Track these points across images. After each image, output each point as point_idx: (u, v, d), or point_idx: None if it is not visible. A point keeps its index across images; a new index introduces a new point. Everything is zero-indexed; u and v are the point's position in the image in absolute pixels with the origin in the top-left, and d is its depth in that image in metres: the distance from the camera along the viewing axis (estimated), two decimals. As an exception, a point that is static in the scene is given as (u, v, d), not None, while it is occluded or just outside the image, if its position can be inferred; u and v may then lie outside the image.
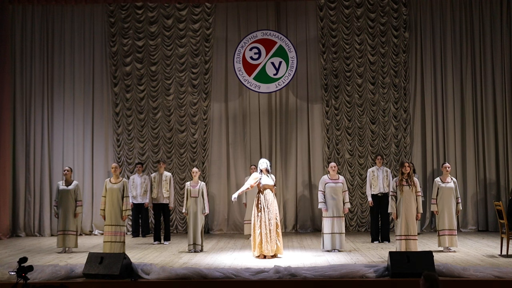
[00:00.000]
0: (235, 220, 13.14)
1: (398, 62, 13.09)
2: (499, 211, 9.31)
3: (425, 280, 4.98)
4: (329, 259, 8.85)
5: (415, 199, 8.96)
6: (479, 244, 10.67)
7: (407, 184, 8.93)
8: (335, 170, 9.99)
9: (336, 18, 13.19)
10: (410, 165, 9.09)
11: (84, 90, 13.26)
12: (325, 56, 13.17)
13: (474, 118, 13.01)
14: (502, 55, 12.97)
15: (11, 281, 6.86)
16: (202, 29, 13.27)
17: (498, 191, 12.79)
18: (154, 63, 13.29)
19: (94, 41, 13.34)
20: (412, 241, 8.85)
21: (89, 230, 13.04)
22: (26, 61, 13.24)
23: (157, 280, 7.24)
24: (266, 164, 9.27)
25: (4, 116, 12.81)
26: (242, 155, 13.28)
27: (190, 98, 13.26)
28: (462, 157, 12.97)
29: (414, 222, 8.94)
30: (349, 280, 7.16)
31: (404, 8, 13.10)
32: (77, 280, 7.36)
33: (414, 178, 9.11)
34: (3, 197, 12.63)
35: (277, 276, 7.25)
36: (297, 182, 13.21)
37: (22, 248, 10.91)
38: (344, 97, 13.16)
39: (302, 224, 13.11)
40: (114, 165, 9.73)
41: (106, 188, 9.51)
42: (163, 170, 11.46)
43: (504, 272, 7.26)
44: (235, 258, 9.23)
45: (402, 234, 8.88)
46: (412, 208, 8.91)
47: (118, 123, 13.20)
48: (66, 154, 13.18)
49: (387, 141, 13.07)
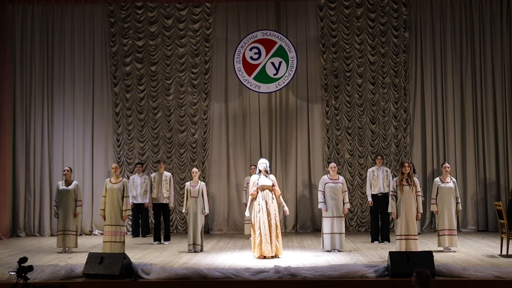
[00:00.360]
0: (235, 220, 13.14)
1: (398, 62, 13.09)
2: (499, 211, 9.31)
3: (418, 276, 5.04)
4: (329, 259, 8.85)
5: (415, 199, 8.96)
6: (479, 244, 10.66)
7: (407, 184, 8.94)
8: (335, 170, 9.98)
9: (336, 18, 13.19)
10: (410, 165, 9.10)
11: (84, 90, 13.26)
12: (325, 56, 13.17)
13: (474, 118, 13.01)
14: (502, 55, 12.97)
15: (11, 281, 6.85)
16: (202, 29, 13.27)
17: (498, 191, 12.78)
18: (154, 63, 13.29)
19: (94, 41, 13.34)
20: (412, 241, 8.85)
21: (89, 230, 13.04)
22: (26, 61, 13.24)
23: (157, 280, 7.24)
24: (265, 165, 9.27)
25: (4, 116, 12.81)
26: (242, 155, 13.28)
27: (190, 98, 13.26)
28: (462, 157, 12.97)
29: (414, 222, 8.95)
30: (349, 280, 7.15)
31: (404, 8, 13.10)
32: (77, 280, 7.36)
33: (414, 178, 9.11)
34: (3, 197, 12.63)
35: (277, 276, 7.25)
36: (297, 182, 13.21)
37: (22, 248, 10.90)
38: (344, 97, 13.16)
39: (302, 224, 13.11)
40: (114, 165, 9.73)
41: (106, 188, 9.51)
42: (163, 170, 11.46)
43: (504, 272, 7.26)
44: (235, 258, 9.23)
45: (402, 234, 8.89)
46: (412, 208, 8.91)
47: (118, 123, 13.20)
48: (66, 154, 13.18)
49: (387, 141, 13.07)
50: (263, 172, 9.21)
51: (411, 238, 8.87)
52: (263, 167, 9.22)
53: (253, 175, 9.50)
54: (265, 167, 9.22)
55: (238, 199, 12.99)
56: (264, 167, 9.22)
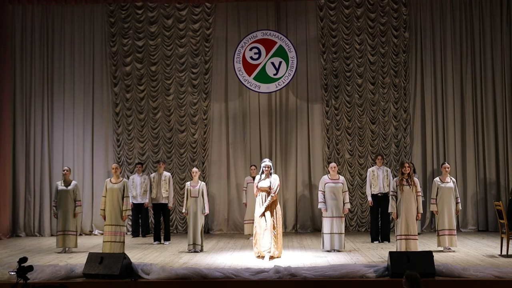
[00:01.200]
0: (235, 220, 13.14)
1: (398, 62, 13.09)
2: (499, 211, 9.32)
3: (406, 279, 5.13)
4: (329, 259, 8.85)
5: (415, 199, 8.95)
6: (479, 244, 10.66)
7: (408, 184, 8.93)
8: (335, 170, 9.98)
9: (336, 18, 13.19)
10: (410, 165, 9.09)
11: (84, 90, 13.26)
12: (325, 56, 13.17)
13: (474, 118, 13.01)
14: (502, 55, 12.97)
15: (11, 281, 6.86)
16: (202, 29, 13.27)
17: (498, 191, 12.78)
18: (154, 63, 13.29)
19: (94, 41, 13.34)
20: (412, 241, 8.84)
21: (89, 230, 13.04)
22: (26, 61, 13.24)
23: (157, 280, 7.24)
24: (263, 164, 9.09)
25: (4, 116, 12.81)
26: (242, 155, 13.28)
27: (190, 98, 13.26)
28: (462, 157, 12.97)
29: (414, 222, 8.94)
30: (349, 280, 7.16)
31: (404, 8, 13.10)
32: (77, 280, 7.37)
33: (414, 178, 9.11)
34: (3, 197, 12.63)
35: (277, 276, 7.26)
36: (297, 182, 13.21)
37: (22, 248, 10.91)
38: (344, 97, 13.16)
39: (302, 224, 13.10)
40: (115, 165, 9.74)
41: (107, 188, 9.51)
42: (162, 170, 11.46)
43: (504, 272, 7.26)
44: (235, 258, 9.23)
45: (402, 233, 8.87)
46: (412, 208, 8.90)
47: (118, 123, 13.20)
48: (66, 154, 13.18)
49: (387, 141, 13.07)
50: (265, 173, 9.07)
51: (411, 238, 8.85)
52: (266, 169, 9.05)
53: (257, 176, 9.35)
54: (268, 168, 9.06)
55: (238, 199, 12.99)
56: (267, 169, 9.05)
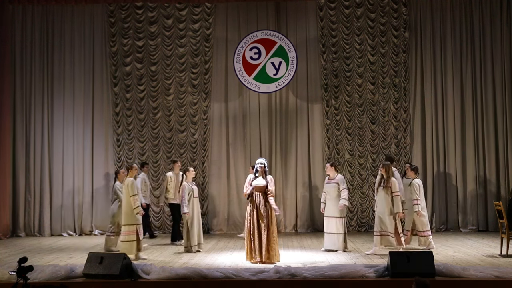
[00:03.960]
0: (235, 220, 13.13)
1: (398, 62, 13.10)
2: (499, 211, 9.32)
3: (417, 285, 5.09)
4: (329, 259, 8.86)
5: (390, 199, 9.33)
6: (479, 244, 10.67)
7: (382, 186, 9.43)
8: (328, 169, 10.13)
9: (336, 18, 13.20)
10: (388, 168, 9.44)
11: (84, 90, 13.26)
12: (325, 56, 13.17)
13: (474, 118, 13.01)
14: (502, 55, 12.97)
15: (11, 281, 6.86)
16: (202, 29, 13.27)
17: (498, 191, 12.79)
18: (154, 63, 13.29)
19: (94, 41, 13.33)
20: (385, 237, 9.30)
21: (89, 230, 13.04)
22: (26, 61, 13.23)
23: (157, 280, 7.25)
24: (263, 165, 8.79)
25: (4, 116, 12.81)
26: (242, 155, 13.27)
27: (190, 98, 13.26)
28: (462, 157, 12.97)
29: (386, 219, 9.28)
30: (349, 280, 7.17)
31: (404, 8, 13.11)
32: (77, 280, 7.37)
33: (392, 178, 9.44)
34: (3, 197, 12.63)
35: (277, 276, 7.26)
36: (297, 182, 13.20)
37: (22, 248, 10.91)
38: (344, 97, 13.16)
39: (302, 224, 13.10)
40: (122, 170, 10.25)
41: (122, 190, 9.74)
42: (178, 169, 11.40)
43: (504, 272, 7.27)
44: (235, 258, 9.22)
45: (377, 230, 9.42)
46: (383, 207, 9.33)
47: (118, 123, 13.20)
48: (66, 154, 13.17)
49: (387, 141, 13.08)
50: (260, 172, 8.77)
51: (384, 235, 9.30)
52: (260, 167, 8.78)
53: (249, 175, 9.03)
54: (263, 167, 8.78)
55: (238, 199, 12.99)
56: (262, 167, 8.77)
